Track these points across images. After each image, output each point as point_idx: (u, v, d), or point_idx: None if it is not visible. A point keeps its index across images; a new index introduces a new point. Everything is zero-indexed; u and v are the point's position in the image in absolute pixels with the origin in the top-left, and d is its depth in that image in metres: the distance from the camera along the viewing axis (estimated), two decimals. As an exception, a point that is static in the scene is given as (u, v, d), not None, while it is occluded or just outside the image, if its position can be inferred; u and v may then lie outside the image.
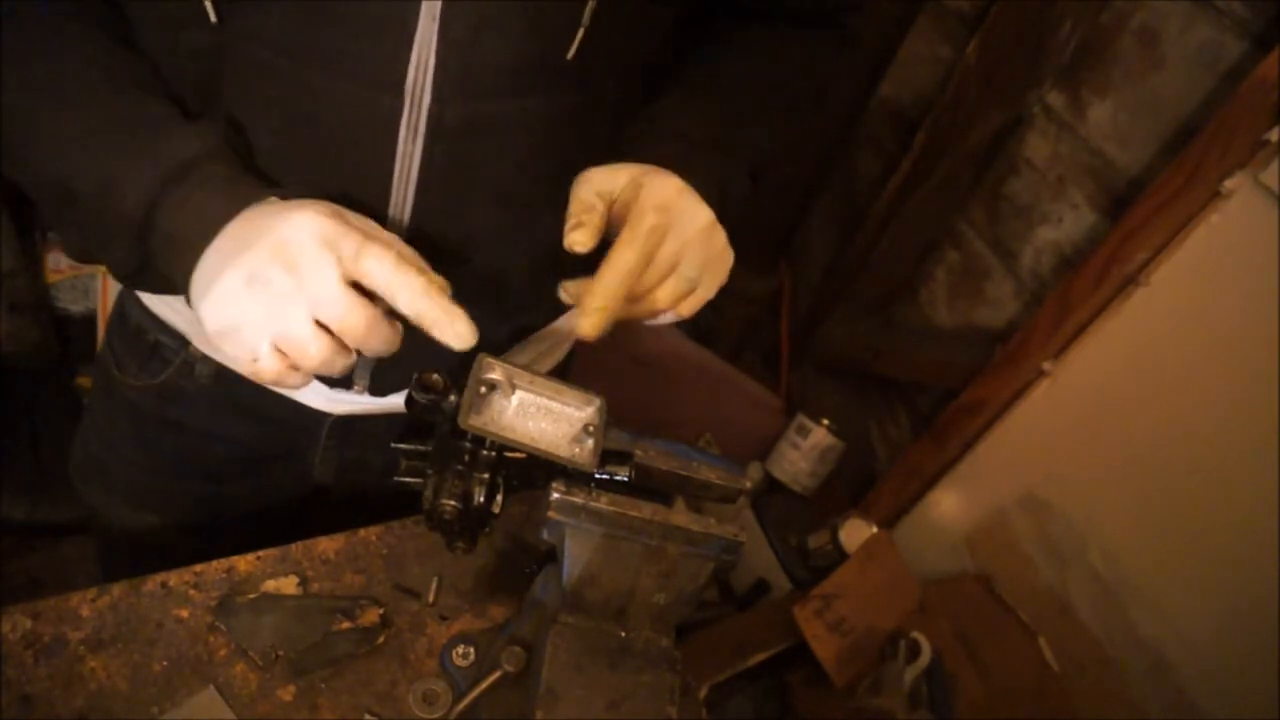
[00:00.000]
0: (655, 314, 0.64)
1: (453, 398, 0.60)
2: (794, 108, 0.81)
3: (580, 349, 0.94)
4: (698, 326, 2.01)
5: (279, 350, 0.54)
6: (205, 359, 0.79)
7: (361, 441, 0.86)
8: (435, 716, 0.67)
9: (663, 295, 0.63)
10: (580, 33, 0.59)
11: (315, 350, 0.53)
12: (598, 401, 0.65)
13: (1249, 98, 1.06)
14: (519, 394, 0.63)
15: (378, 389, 0.77)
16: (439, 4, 0.56)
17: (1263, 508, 1.05)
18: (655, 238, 0.60)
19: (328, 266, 0.52)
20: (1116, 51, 1.30)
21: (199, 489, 0.89)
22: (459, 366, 0.60)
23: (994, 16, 1.42)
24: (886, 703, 1.15)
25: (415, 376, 0.60)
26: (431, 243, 0.65)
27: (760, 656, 1.20)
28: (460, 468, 0.60)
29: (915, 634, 1.20)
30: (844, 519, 1.45)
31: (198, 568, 0.71)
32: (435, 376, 0.60)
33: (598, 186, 0.62)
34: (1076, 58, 1.36)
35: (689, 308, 0.65)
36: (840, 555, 1.39)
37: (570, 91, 0.64)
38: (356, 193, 0.63)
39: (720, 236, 0.65)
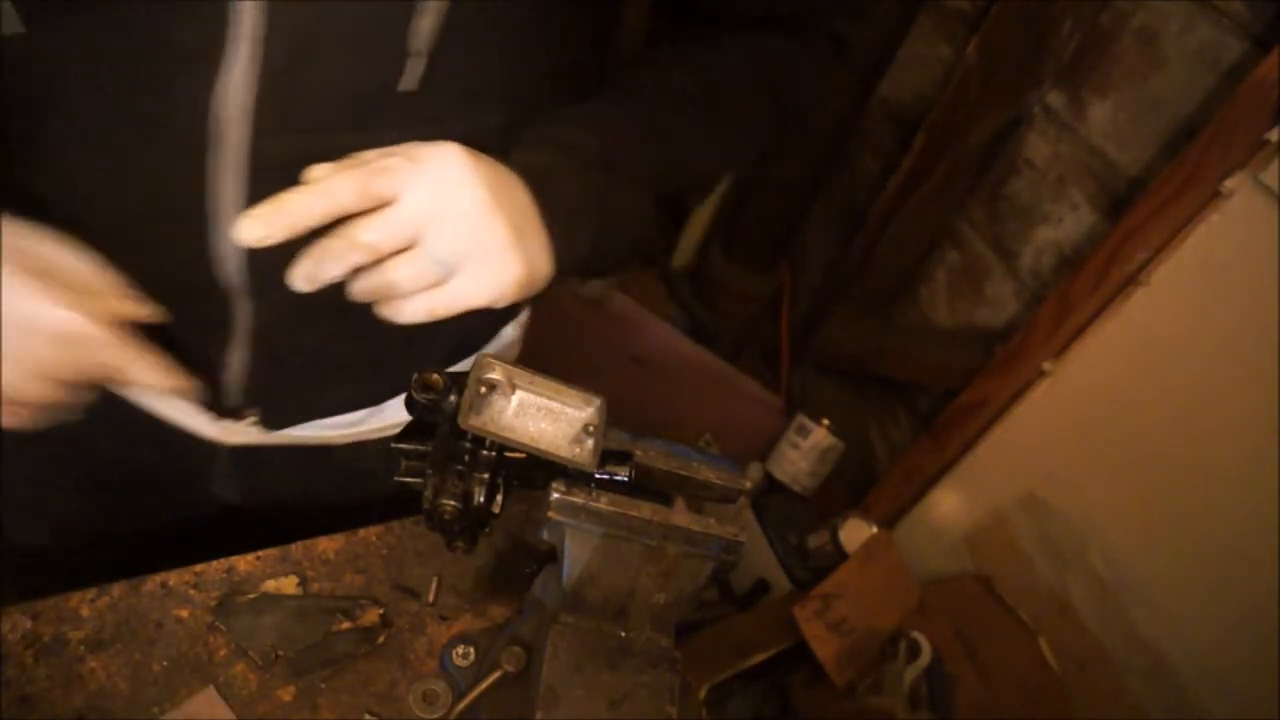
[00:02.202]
0: (392, 295, 0.54)
1: (452, 398, 0.60)
2: (752, 120, 0.75)
3: (576, 348, 0.93)
4: (698, 326, 2.01)
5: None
6: None
7: (267, 471, 0.79)
8: (435, 716, 0.67)
9: (400, 272, 0.53)
10: (420, 62, 0.54)
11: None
12: (598, 401, 0.65)
13: (1249, 98, 1.06)
14: (519, 394, 0.63)
15: (271, 422, 0.73)
16: (252, 28, 0.50)
17: (1263, 508, 1.05)
18: (379, 175, 0.51)
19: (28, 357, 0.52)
20: (1116, 51, 1.30)
21: (98, 506, 0.83)
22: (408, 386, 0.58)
23: (994, 16, 1.42)
24: (886, 703, 1.15)
25: (415, 376, 0.59)
26: (270, 285, 0.56)
27: (760, 656, 1.20)
28: (460, 468, 0.60)
29: (915, 634, 1.20)
30: (844, 519, 1.45)
31: (198, 568, 0.71)
32: (435, 376, 0.60)
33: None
34: (1076, 58, 1.36)
35: (440, 305, 0.55)
36: (840, 555, 1.39)
37: (417, 124, 0.56)
38: (176, 231, 0.58)
39: (497, 231, 0.53)
